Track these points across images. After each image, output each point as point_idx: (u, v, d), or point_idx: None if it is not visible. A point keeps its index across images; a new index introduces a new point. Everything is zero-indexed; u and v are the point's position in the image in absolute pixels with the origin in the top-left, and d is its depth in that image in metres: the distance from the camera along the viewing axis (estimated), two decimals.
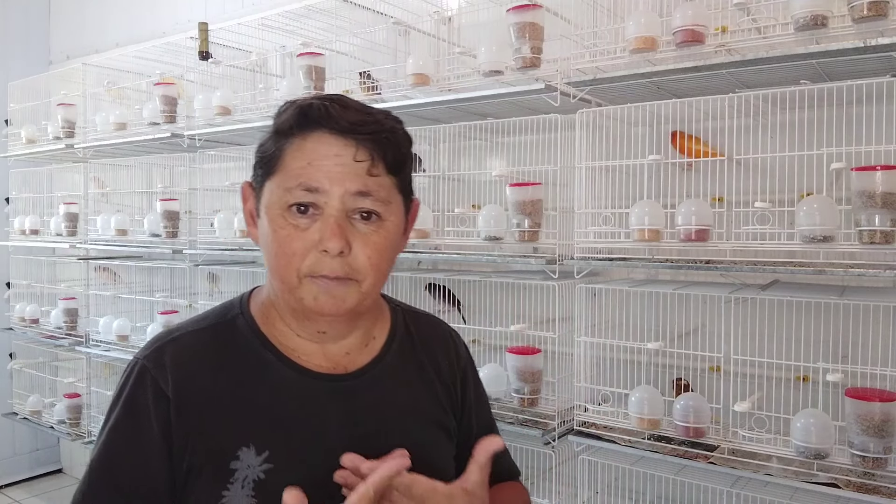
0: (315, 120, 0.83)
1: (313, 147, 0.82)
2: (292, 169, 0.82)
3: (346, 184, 0.81)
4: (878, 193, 1.47)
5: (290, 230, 0.82)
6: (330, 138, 0.82)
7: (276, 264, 0.84)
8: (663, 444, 1.78)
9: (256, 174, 0.88)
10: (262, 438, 0.82)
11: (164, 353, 0.86)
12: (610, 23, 1.93)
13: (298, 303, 0.84)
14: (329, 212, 0.82)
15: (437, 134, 2.37)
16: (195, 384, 0.84)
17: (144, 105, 3.12)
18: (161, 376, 0.83)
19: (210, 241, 2.83)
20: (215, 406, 0.84)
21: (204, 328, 0.91)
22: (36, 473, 4.24)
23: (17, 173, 3.88)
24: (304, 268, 0.82)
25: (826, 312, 1.74)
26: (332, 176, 0.81)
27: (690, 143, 1.95)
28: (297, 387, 0.87)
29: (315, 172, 0.81)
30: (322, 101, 0.84)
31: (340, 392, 0.89)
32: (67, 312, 3.49)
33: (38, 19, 4.32)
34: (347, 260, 0.82)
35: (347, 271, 0.82)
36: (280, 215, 0.83)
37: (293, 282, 0.83)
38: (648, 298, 2.03)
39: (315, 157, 0.82)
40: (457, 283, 2.37)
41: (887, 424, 1.50)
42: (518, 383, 2.05)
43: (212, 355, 0.87)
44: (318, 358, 0.90)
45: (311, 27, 2.66)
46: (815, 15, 1.55)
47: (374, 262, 0.84)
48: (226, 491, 0.80)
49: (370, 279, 0.84)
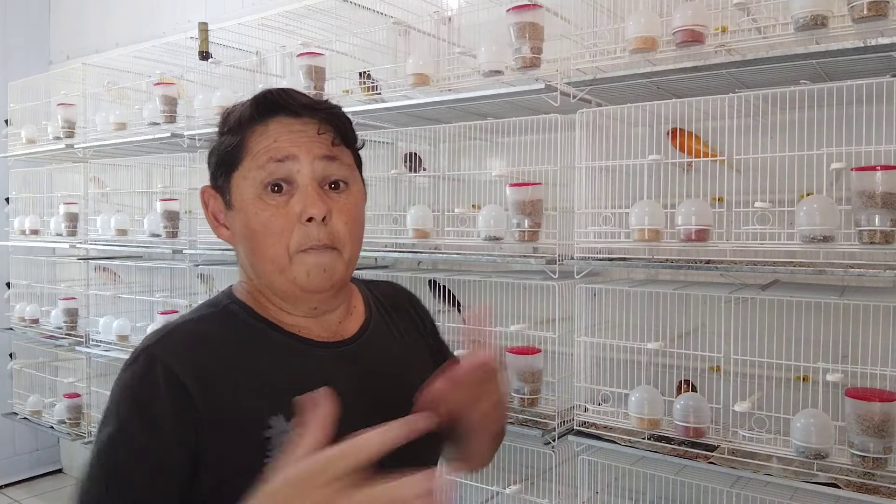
0: (274, 105, 0.88)
1: (276, 128, 0.87)
2: (259, 150, 0.86)
3: (313, 150, 0.87)
4: (878, 193, 1.47)
5: (272, 210, 0.85)
6: (290, 120, 0.88)
7: (263, 248, 0.87)
8: (663, 444, 1.78)
9: (218, 174, 0.91)
10: (288, 405, 0.81)
11: (171, 340, 0.85)
12: (610, 23, 1.93)
13: (290, 283, 0.87)
14: (303, 181, 0.86)
15: (437, 134, 2.37)
16: (212, 365, 0.84)
17: (144, 105, 3.12)
18: (174, 362, 0.81)
19: (210, 241, 2.82)
20: (236, 382, 0.84)
21: (201, 317, 0.92)
22: (36, 473, 4.24)
23: (17, 173, 3.88)
24: (292, 244, 0.86)
25: (826, 312, 1.74)
26: (300, 144, 0.86)
27: (690, 141, 1.95)
28: (306, 356, 0.91)
29: (282, 144, 0.86)
30: (274, 90, 0.89)
31: (345, 356, 0.94)
32: (67, 312, 3.49)
33: (38, 19, 4.32)
34: (328, 228, 0.86)
35: (331, 239, 0.87)
36: (257, 198, 0.86)
37: (283, 261, 0.86)
38: (648, 298, 2.03)
39: (279, 135, 0.87)
40: (457, 283, 2.37)
41: (887, 424, 1.50)
42: (518, 383, 2.05)
43: (218, 338, 0.88)
44: (318, 329, 0.94)
45: (311, 27, 2.66)
46: (815, 15, 1.55)
47: (351, 228, 0.89)
48: (267, 458, 0.80)
49: (349, 247, 0.90)
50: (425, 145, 2.51)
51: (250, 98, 0.91)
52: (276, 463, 0.73)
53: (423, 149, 2.51)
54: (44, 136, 3.60)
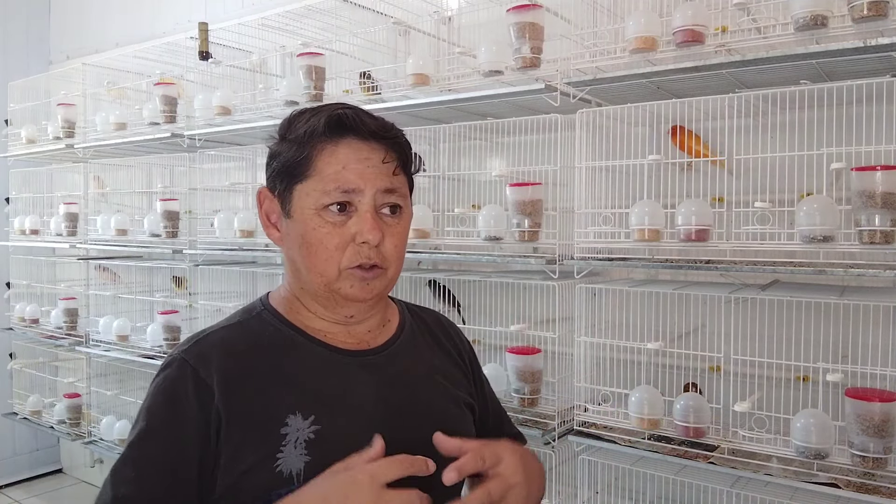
0: (347, 127, 0.92)
1: (346, 152, 0.92)
2: (328, 174, 0.91)
3: (377, 183, 0.92)
4: (878, 193, 1.47)
5: (329, 228, 0.92)
6: (359, 143, 0.93)
7: (315, 260, 0.93)
8: (663, 444, 1.78)
9: (279, 179, 0.95)
10: (306, 406, 0.90)
11: (202, 346, 0.93)
12: (610, 23, 1.93)
13: (335, 293, 0.94)
14: (363, 208, 0.92)
15: (437, 134, 2.37)
16: (236, 369, 0.91)
17: (144, 105, 3.12)
18: (202, 367, 0.89)
19: (210, 241, 2.83)
20: (258, 385, 0.90)
21: (233, 324, 0.98)
22: (36, 473, 4.24)
23: (17, 173, 3.88)
24: (344, 261, 0.92)
25: (826, 312, 1.74)
26: (366, 177, 0.92)
27: (690, 140, 1.95)
28: (328, 361, 0.96)
29: (350, 175, 0.91)
30: (346, 110, 0.93)
31: (369, 364, 0.98)
32: (67, 312, 3.49)
33: (38, 19, 4.32)
34: (380, 249, 0.93)
35: (380, 260, 0.93)
36: (316, 214, 0.92)
37: (332, 275, 0.93)
38: (648, 298, 2.03)
39: (349, 162, 0.92)
40: (457, 283, 2.37)
41: (887, 424, 1.50)
42: (518, 383, 2.05)
43: (246, 343, 0.95)
44: (344, 336, 0.99)
45: (311, 27, 2.67)
46: (815, 15, 1.55)
47: (399, 250, 0.97)
48: (280, 453, 0.87)
49: (394, 266, 0.96)
50: (425, 145, 2.51)
51: (321, 110, 0.95)
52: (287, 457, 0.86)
53: (423, 149, 2.51)
54: (44, 136, 3.61)
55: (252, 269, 2.88)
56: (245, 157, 3.02)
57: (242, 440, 0.87)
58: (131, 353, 3.12)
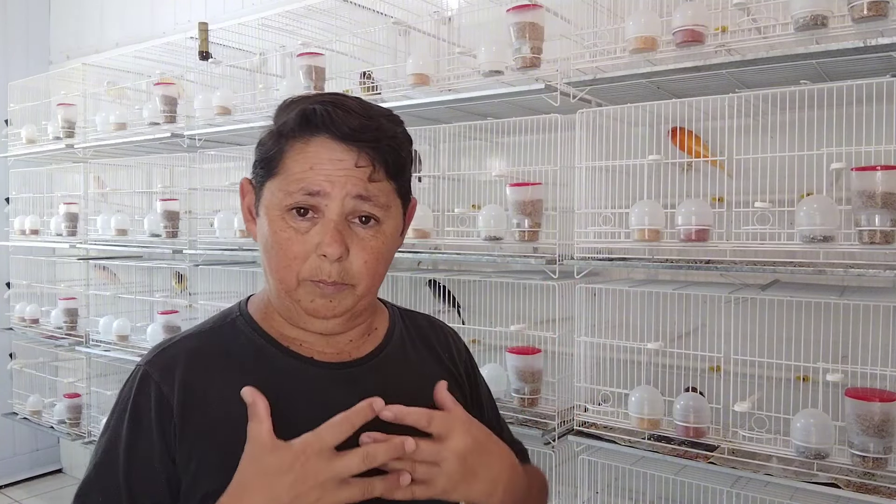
0: (317, 125, 0.83)
1: (315, 151, 0.83)
2: (294, 172, 0.83)
3: (347, 187, 0.82)
4: (878, 193, 1.47)
5: (291, 233, 0.83)
6: (332, 143, 0.83)
7: (275, 266, 0.85)
8: (663, 444, 1.78)
9: (257, 172, 0.89)
10: (274, 424, 0.81)
11: (166, 357, 0.88)
12: (610, 23, 1.93)
13: (296, 304, 0.86)
14: (329, 216, 0.83)
15: (437, 134, 2.37)
16: (201, 383, 0.85)
17: (144, 105, 3.12)
18: (164, 380, 0.84)
19: (210, 241, 2.83)
20: (219, 401, 0.84)
21: (204, 331, 0.93)
22: (36, 473, 4.24)
23: (17, 173, 3.88)
24: (303, 271, 0.83)
25: (826, 312, 1.74)
26: (334, 180, 0.82)
27: (690, 141, 1.95)
28: (300, 375, 0.88)
29: (316, 176, 0.82)
30: (324, 106, 0.83)
31: (346, 377, 0.90)
32: (67, 312, 3.49)
33: (38, 19, 4.32)
34: (344, 265, 0.84)
35: (344, 276, 0.84)
36: (280, 217, 0.84)
37: (291, 284, 0.85)
38: (648, 298, 2.03)
39: (317, 162, 0.82)
40: (457, 283, 2.37)
41: (887, 424, 1.50)
42: (518, 383, 2.05)
43: (214, 354, 0.89)
44: (322, 346, 0.91)
45: (311, 27, 2.67)
46: (815, 15, 1.55)
47: (371, 266, 0.86)
48: None
49: (364, 283, 0.86)
50: (425, 145, 2.51)
51: (306, 100, 0.86)
52: None
53: (423, 149, 2.51)
54: (44, 136, 3.60)
55: (252, 269, 2.88)
56: (245, 157, 3.01)
57: (199, 465, 0.82)
58: (131, 353, 3.12)
